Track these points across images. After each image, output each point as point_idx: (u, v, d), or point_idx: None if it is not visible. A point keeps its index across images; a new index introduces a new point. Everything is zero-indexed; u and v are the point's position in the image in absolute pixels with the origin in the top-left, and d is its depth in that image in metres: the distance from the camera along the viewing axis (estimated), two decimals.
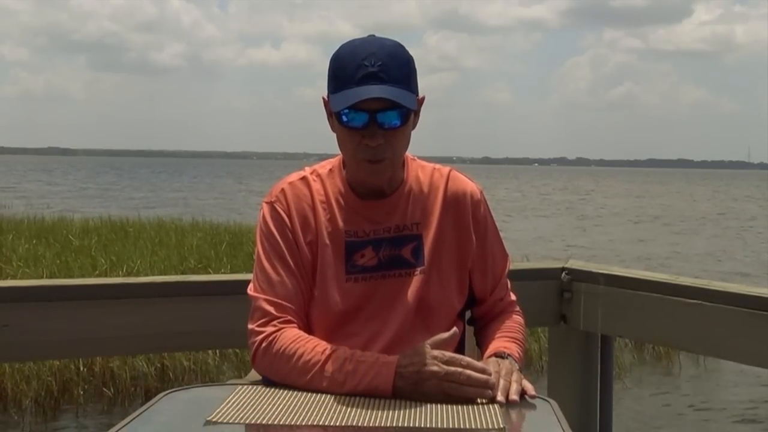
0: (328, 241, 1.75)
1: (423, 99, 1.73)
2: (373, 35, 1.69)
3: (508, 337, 1.82)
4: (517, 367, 1.65)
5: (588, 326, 2.77)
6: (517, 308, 1.94)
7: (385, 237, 1.75)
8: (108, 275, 8.85)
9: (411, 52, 1.70)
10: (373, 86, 1.60)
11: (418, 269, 1.77)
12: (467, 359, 1.54)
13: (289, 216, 1.75)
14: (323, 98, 1.73)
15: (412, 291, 1.76)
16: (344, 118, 1.65)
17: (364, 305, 1.75)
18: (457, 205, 1.81)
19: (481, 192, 1.86)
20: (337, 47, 1.70)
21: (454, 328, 1.63)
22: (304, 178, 1.80)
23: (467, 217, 1.82)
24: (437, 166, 1.86)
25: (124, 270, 9.60)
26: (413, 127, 1.73)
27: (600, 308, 2.71)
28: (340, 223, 1.76)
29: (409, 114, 1.67)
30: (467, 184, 1.85)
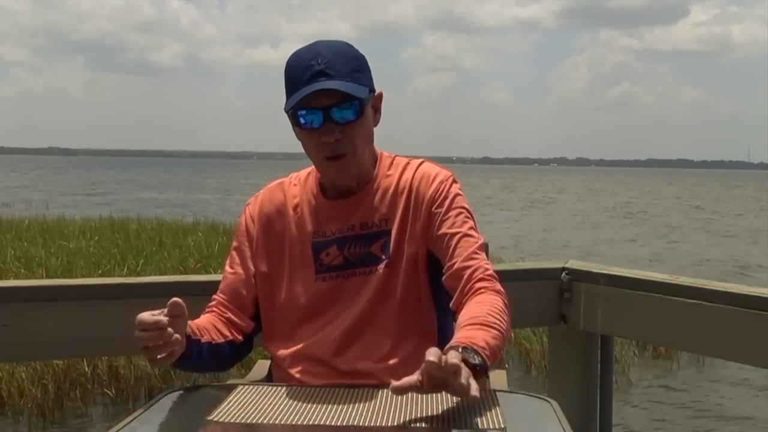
0: (297, 243, 1.81)
1: (381, 94, 1.77)
2: (320, 40, 1.74)
3: (475, 324, 1.60)
4: (476, 361, 1.45)
5: (588, 326, 2.77)
6: (497, 286, 1.73)
7: (350, 235, 1.77)
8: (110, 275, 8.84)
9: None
10: (321, 82, 1.66)
11: (383, 263, 1.76)
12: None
13: (255, 220, 1.86)
14: (285, 112, 1.75)
15: (374, 285, 1.75)
16: (301, 120, 1.70)
17: (334, 301, 1.76)
18: (419, 189, 1.79)
19: (451, 177, 1.81)
20: None
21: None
22: (281, 183, 1.90)
23: (427, 196, 1.78)
24: (412, 160, 1.85)
25: (126, 270, 9.58)
26: (375, 124, 1.78)
27: (600, 308, 2.71)
28: (309, 225, 1.81)
29: (363, 107, 1.70)
30: (435, 170, 1.82)
